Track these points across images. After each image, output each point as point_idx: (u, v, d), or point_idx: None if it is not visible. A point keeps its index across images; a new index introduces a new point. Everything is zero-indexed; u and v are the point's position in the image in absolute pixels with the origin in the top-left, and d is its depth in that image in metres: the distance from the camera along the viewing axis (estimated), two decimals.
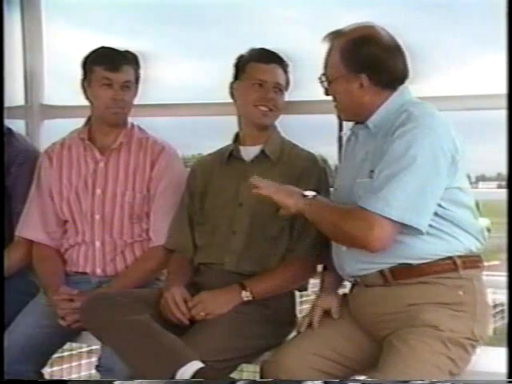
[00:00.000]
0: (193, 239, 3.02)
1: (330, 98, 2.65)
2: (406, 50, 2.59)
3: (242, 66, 2.99)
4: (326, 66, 2.64)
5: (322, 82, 2.66)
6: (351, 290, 2.75)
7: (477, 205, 2.62)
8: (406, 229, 2.39)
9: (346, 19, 2.62)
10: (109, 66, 3.02)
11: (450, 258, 2.50)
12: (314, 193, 2.52)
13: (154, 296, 2.84)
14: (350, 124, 2.77)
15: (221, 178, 2.99)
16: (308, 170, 2.91)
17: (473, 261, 2.55)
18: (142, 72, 3.14)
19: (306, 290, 3.07)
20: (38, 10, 3.74)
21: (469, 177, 2.65)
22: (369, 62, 2.53)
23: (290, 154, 2.98)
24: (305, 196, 2.51)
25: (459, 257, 2.50)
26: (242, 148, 3.00)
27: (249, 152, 2.98)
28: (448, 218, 2.48)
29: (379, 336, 2.55)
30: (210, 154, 3.14)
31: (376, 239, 2.38)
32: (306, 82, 3.08)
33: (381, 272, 2.54)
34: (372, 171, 2.46)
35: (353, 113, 2.66)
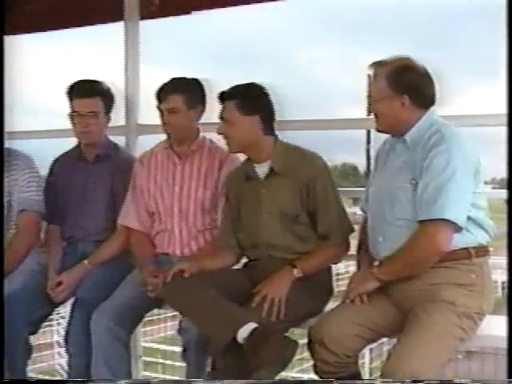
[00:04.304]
0: (236, 238, 2.91)
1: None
2: None
3: None
4: (370, 89, 2.56)
5: (368, 101, 2.59)
6: (377, 266, 2.63)
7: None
8: None
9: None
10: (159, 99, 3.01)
11: (465, 248, 2.45)
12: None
13: (218, 275, 2.76)
14: (378, 138, 2.76)
15: (247, 193, 2.85)
16: (313, 177, 2.74)
17: (483, 251, 2.50)
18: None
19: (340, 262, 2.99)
20: (137, 56, 3.71)
21: None
22: (410, 85, 2.48)
23: (295, 163, 2.77)
24: (372, 270, 2.53)
25: (473, 248, 2.45)
26: (256, 166, 2.82)
27: (261, 169, 2.81)
28: (468, 217, 2.41)
29: (405, 308, 2.46)
30: (235, 170, 2.97)
31: (440, 242, 2.37)
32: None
33: None
34: (413, 179, 2.43)
35: (391, 127, 2.56)
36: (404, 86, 2.47)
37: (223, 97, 2.77)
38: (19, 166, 3.20)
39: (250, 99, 2.75)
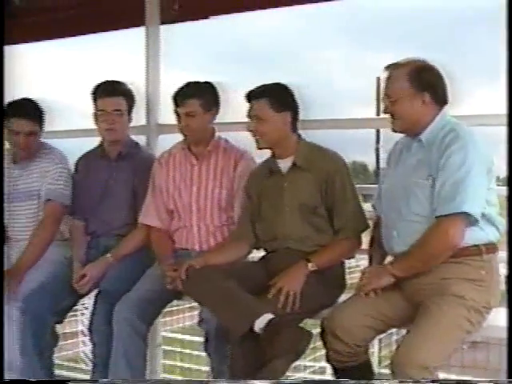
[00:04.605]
0: (254, 232, 2.91)
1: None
2: None
3: None
4: (389, 89, 2.52)
5: (384, 101, 2.54)
6: (391, 261, 2.63)
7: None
8: None
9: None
10: (176, 103, 3.01)
11: (476, 245, 2.43)
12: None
13: (236, 267, 2.78)
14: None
15: (270, 187, 2.85)
16: (333, 173, 2.74)
17: (493, 248, 2.48)
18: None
19: (353, 257, 2.98)
20: (158, 59, 3.72)
21: None
22: (429, 83, 2.47)
23: (316, 160, 2.78)
24: (386, 266, 2.51)
25: (484, 245, 2.44)
26: (279, 161, 2.83)
27: (284, 164, 2.81)
28: (482, 214, 2.40)
29: (416, 301, 2.45)
30: (258, 167, 2.98)
31: (454, 236, 2.37)
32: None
33: None
34: (429, 176, 2.42)
35: (410, 127, 2.53)
36: (424, 84, 2.46)
37: (252, 96, 2.78)
38: (53, 159, 3.32)
39: (281, 97, 2.78)
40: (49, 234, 3.28)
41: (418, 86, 2.46)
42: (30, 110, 3.29)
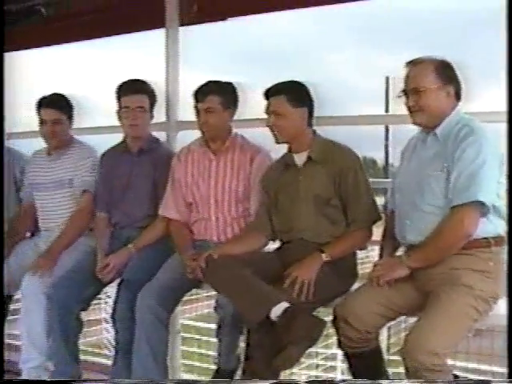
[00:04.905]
0: (270, 224, 2.91)
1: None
2: None
3: None
4: (412, 82, 2.49)
5: (405, 94, 2.53)
6: (406, 253, 2.61)
7: None
8: None
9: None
10: (196, 99, 3.03)
11: (485, 238, 2.42)
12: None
13: (254, 257, 2.78)
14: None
15: (286, 180, 2.85)
16: (346, 167, 2.75)
17: (501, 240, 2.46)
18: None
19: (365, 248, 2.94)
20: (177, 59, 3.73)
21: None
22: (453, 77, 2.49)
23: (331, 154, 2.79)
24: (402, 258, 2.47)
25: (492, 237, 2.43)
26: (295, 156, 2.84)
27: (300, 158, 2.82)
28: (492, 206, 2.40)
29: (427, 290, 2.44)
30: (274, 162, 2.99)
31: (468, 225, 2.37)
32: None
33: None
34: (444, 168, 2.41)
35: (432, 118, 2.50)
36: (449, 77, 2.48)
37: (270, 93, 2.79)
38: (84, 152, 3.44)
39: (298, 93, 2.80)
40: (84, 223, 3.37)
41: (444, 79, 2.46)
42: (56, 101, 3.42)
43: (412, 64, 2.52)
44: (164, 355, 2.92)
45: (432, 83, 2.46)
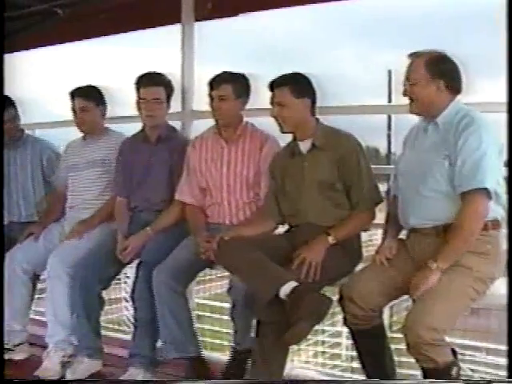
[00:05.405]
0: (278, 209, 2.88)
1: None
2: None
3: None
4: (409, 74, 2.47)
5: (404, 84, 2.49)
6: (408, 236, 2.60)
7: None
8: None
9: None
10: (211, 87, 3.01)
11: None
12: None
13: (263, 240, 2.77)
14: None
15: (292, 167, 2.82)
16: (348, 152, 2.71)
17: (497, 224, 2.42)
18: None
19: (369, 229, 2.91)
20: (192, 53, 3.74)
21: None
22: (445, 72, 2.44)
23: (333, 141, 2.75)
24: (431, 266, 2.34)
25: (490, 221, 2.38)
26: (299, 143, 2.80)
27: (305, 145, 2.79)
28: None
29: None
30: (281, 150, 2.95)
31: (484, 209, 2.33)
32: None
33: (435, 227, 2.44)
34: (446, 155, 2.37)
35: (425, 110, 2.48)
36: (440, 72, 2.41)
37: (275, 84, 2.75)
38: (118, 138, 3.46)
39: (301, 84, 2.76)
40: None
41: (433, 73, 2.41)
42: (84, 91, 3.44)
43: (411, 56, 2.49)
44: (189, 322, 2.91)
45: (421, 76, 2.43)
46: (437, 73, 2.42)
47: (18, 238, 3.48)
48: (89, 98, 3.42)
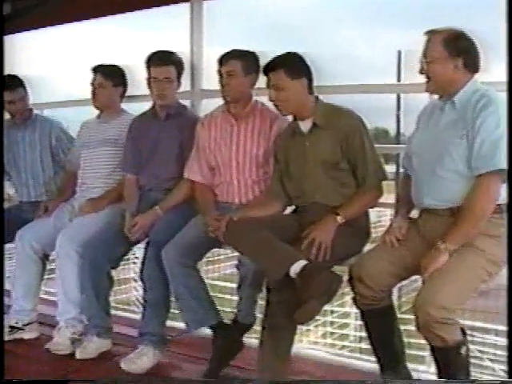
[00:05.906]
0: (284, 191, 2.87)
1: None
2: None
3: None
4: (426, 52, 2.41)
5: (421, 62, 2.43)
6: (420, 215, 2.57)
7: None
8: None
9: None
10: (220, 63, 2.99)
11: (498, 204, 2.33)
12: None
13: (272, 219, 2.76)
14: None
15: (294, 147, 2.79)
16: (351, 130, 2.67)
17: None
18: None
19: (376, 206, 2.89)
20: (201, 32, 3.70)
21: None
22: (463, 50, 2.37)
23: (334, 119, 2.71)
24: (439, 247, 2.31)
25: (504, 204, 2.33)
26: (300, 123, 2.77)
27: (305, 125, 2.75)
28: None
29: None
30: (283, 131, 2.91)
31: (495, 191, 2.30)
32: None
33: (450, 208, 2.40)
34: (464, 135, 2.32)
35: (442, 88, 2.43)
36: (458, 49, 2.35)
37: (269, 68, 2.71)
38: (130, 118, 3.44)
39: (295, 65, 2.70)
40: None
41: (451, 51, 2.35)
42: (105, 68, 3.46)
43: (428, 33, 2.43)
44: (204, 292, 2.90)
45: (439, 54, 2.37)
46: (455, 50, 2.36)
47: (28, 217, 3.50)
48: (108, 76, 3.42)
